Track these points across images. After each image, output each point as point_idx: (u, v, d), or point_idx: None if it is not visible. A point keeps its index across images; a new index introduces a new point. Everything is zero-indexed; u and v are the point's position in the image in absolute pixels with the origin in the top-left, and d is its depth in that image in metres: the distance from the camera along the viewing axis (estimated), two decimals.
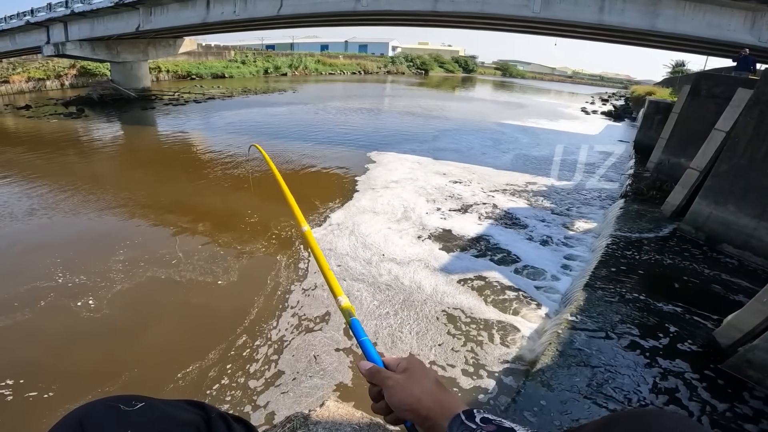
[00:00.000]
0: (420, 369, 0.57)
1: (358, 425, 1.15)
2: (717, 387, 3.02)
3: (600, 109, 27.16)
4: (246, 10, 14.40)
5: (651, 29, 10.22)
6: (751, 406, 2.86)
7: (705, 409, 2.81)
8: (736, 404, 2.86)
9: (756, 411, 2.81)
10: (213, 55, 31.65)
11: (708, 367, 3.22)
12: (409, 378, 0.55)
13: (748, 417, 2.75)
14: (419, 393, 0.53)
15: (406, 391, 0.53)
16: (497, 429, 0.45)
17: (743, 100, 5.43)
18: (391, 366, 0.59)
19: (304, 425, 1.14)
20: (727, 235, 5.33)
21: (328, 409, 1.22)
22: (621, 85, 70.67)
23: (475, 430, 0.45)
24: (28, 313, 3.88)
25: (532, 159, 11.61)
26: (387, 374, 0.56)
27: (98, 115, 14.92)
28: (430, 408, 0.51)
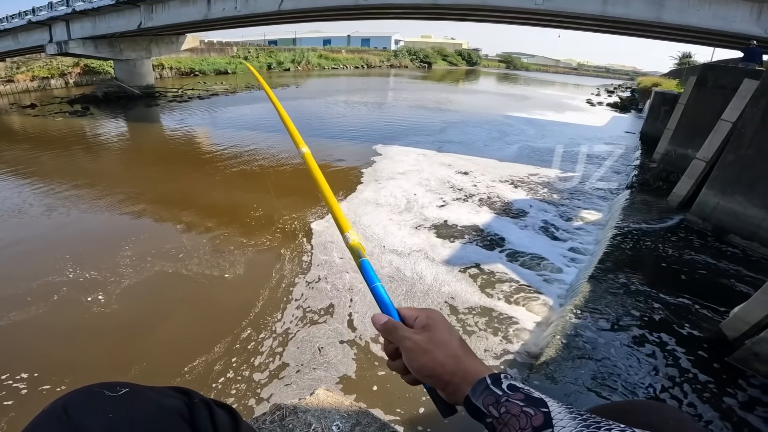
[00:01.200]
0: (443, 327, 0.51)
1: (347, 413, 1.18)
2: (724, 380, 3.00)
3: (606, 101, 26.88)
4: (247, 6, 14.35)
5: (656, 20, 10.05)
6: (758, 399, 2.83)
7: (711, 402, 2.79)
8: (743, 398, 2.84)
9: (764, 405, 2.78)
10: (215, 51, 31.62)
11: (715, 360, 3.19)
12: (431, 339, 0.49)
13: (756, 411, 2.73)
14: (442, 357, 0.48)
15: (428, 355, 0.48)
16: (525, 398, 0.40)
17: (750, 91, 5.39)
18: (408, 320, 0.53)
19: (293, 413, 1.16)
20: (735, 225, 5.28)
21: (318, 397, 1.24)
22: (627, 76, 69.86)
23: (501, 397, 0.41)
24: (42, 307, 3.96)
25: (538, 151, 11.52)
26: (406, 333, 0.50)
27: (103, 112, 14.99)
28: (455, 373, 0.47)
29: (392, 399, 3.01)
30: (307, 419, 1.14)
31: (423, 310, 0.54)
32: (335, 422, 1.14)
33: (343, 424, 1.14)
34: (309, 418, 1.14)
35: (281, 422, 1.14)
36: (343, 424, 1.14)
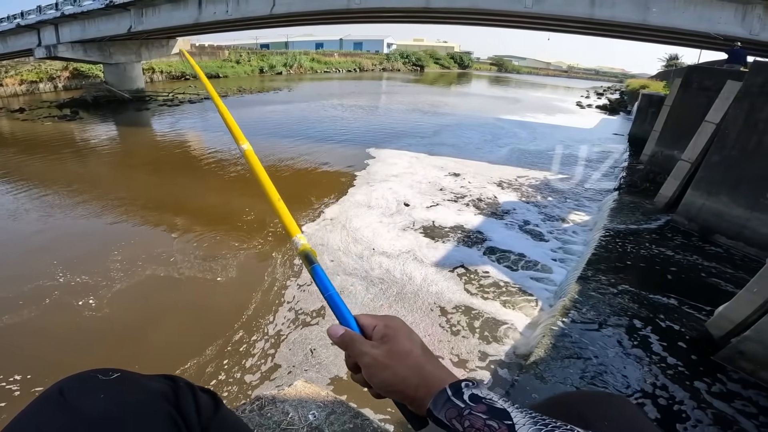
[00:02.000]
0: (402, 336, 0.48)
1: (323, 402, 1.26)
2: (710, 379, 3.04)
3: (595, 103, 27.18)
4: (239, 10, 14.34)
5: (642, 23, 10.22)
6: (744, 398, 2.88)
7: (698, 401, 2.84)
8: (729, 396, 2.89)
9: (749, 403, 2.83)
10: (207, 55, 31.51)
11: (701, 359, 3.23)
12: (391, 352, 0.47)
13: (742, 409, 2.78)
14: (404, 371, 0.45)
15: (389, 370, 0.46)
16: (488, 410, 0.39)
17: (733, 92, 5.46)
18: (367, 329, 0.51)
19: (272, 403, 1.23)
20: (720, 225, 5.38)
21: (296, 388, 1.31)
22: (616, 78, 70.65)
23: (463, 410, 0.40)
24: (35, 311, 3.96)
25: (529, 153, 11.63)
26: (363, 347, 0.48)
27: (93, 116, 14.87)
28: (418, 387, 0.45)
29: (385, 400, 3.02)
30: (285, 408, 1.21)
31: (382, 318, 0.51)
32: (311, 411, 1.21)
33: (319, 412, 1.21)
34: (287, 408, 1.21)
35: (260, 411, 1.20)
36: (318, 413, 1.21)
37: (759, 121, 4.99)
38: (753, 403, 2.83)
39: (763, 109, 4.96)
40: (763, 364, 2.98)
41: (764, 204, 4.92)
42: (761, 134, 4.97)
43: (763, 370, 2.99)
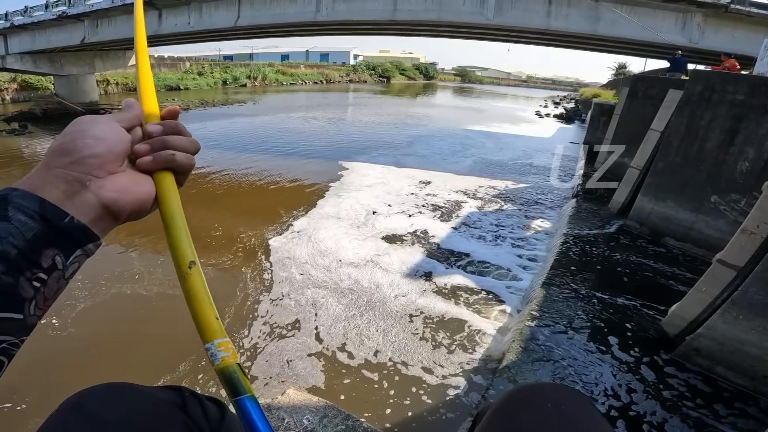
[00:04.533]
0: None
1: (315, 408, 1.34)
2: (667, 376, 3.21)
3: (552, 112, 28.41)
4: (201, 22, 14.07)
5: (593, 33, 10.89)
6: (701, 393, 3.04)
7: (657, 397, 2.99)
8: (687, 392, 3.05)
9: (705, 398, 3.00)
10: (167, 66, 30.58)
11: (659, 357, 3.40)
12: None
13: (699, 404, 2.94)
14: None
15: None
16: None
17: (674, 101, 5.74)
18: None
19: (267, 410, 1.29)
20: (669, 228, 5.73)
21: (289, 396, 1.39)
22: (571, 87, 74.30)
23: None
24: None
25: (494, 163, 12.01)
26: None
27: (44, 131, 14.05)
28: None
29: (360, 404, 3.13)
30: (280, 415, 1.28)
31: None
32: (305, 416, 1.30)
33: (312, 417, 1.30)
34: (282, 414, 1.29)
35: None
36: (312, 417, 1.29)
37: (699, 128, 5.32)
38: (710, 398, 3.01)
39: (703, 117, 5.29)
40: (718, 359, 3.15)
41: (708, 207, 5.27)
42: (702, 141, 5.31)
43: (718, 366, 3.16)
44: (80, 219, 0.36)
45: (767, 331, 2.90)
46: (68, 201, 0.36)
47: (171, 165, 0.45)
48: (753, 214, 3.06)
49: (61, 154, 0.38)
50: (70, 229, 0.35)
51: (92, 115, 0.44)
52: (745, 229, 3.06)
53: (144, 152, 0.45)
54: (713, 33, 10.19)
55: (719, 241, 4.66)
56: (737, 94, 4.98)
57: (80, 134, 0.40)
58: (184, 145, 0.47)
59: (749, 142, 4.88)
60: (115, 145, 0.41)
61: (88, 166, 0.38)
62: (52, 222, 0.34)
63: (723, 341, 3.10)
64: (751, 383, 3.03)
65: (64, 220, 0.35)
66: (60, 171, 0.37)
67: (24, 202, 0.33)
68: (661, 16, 10.21)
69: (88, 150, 0.38)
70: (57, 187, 0.36)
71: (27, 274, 0.32)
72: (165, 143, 0.46)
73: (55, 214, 0.34)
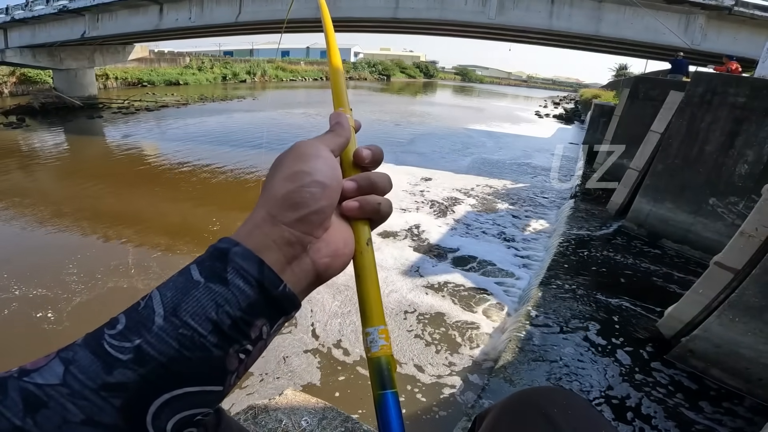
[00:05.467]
0: None
1: (313, 409, 1.32)
2: (663, 377, 3.21)
3: (552, 113, 28.37)
4: (202, 17, 13.97)
5: (595, 34, 10.85)
6: (696, 395, 3.05)
7: (651, 398, 2.99)
8: (681, 393, 3.05)
9: (699, 400, 3.00)
10: (166, 61, 30.44)
11: (654, 358, 3.41)
12: None
13: (693, 405, 2.95)
14: None
15: None
16: None
17: (675, 103, 5.75)
18: None
19: (265, 411, 1.28)
20: (666, 230, 5.73)
21: (287, 397, 1.36)
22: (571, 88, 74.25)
23: None
24: None
25: (494, 162, 12.02)
26: None
27: (41, 124, 14.00)
28: None
29: (355, 401, 3.15)
30: (278, 416, 1.26)
31: None
32: (304, 418, 1.27)
33: (311, 418, 1.27)
34: (280, 416, 1.27)
35: (254, 420, 1.24)
36: (311, 419, 1.27)
37: (700, 130, 5.33)
38: (704, 399, 3.01)
39: (703, 119, 5.29)
40: (713, 361, 3.16)
41: (706, 209, 5.27)
42: (702, 143, 5.31)
43: (713, 368, 3.16)
44: (293, 287, 0.31)
45: (763, 333, 2.90)
46: (288, 267, 0.31)
47: (375, 216, 0.38)
48: (752, 217, 3.05)
49: (290, 208, 0.31)
50: (281, 299, 0.30)
51: (310, 143, 0.36)
52: (743, 232, 3.06)
53: (350, 193, 0.37)
54: (715, 35, 10.16)
55: (716, 243, 4.67)
56: (738, 96, 4.97)
57: (306, 178, 0.32)
58: (386, 187, 0.39)
59: (749, 144, 4.88)
60: (336, 192, 0.34)
61: (311, 225, 0.32)
62: (268, 291, 0.29)
63: (718, 343, 3.10)
64: (745, 385, 3.04)
65: (278, 289, 0.30)
66: (286, 230, 0.31)
67: (245, 264, 0.29)
68: (664, 18, 10.16)
69: (315, 204, 0.32)
70: (281, 250, 0.31)
71: (236, 347, 0.28)
72: (373, 184, 0.37)
73: (272, 282, 0.29)
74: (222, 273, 0.28)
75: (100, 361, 0.25)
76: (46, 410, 0.23)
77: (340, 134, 0.39)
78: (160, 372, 0.25)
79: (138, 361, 0.25)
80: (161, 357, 0.25)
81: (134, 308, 0.28)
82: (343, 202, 0.36)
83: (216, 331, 0.27)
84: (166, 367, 0.25)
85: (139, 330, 0.26)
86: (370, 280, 0.37)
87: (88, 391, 0.24)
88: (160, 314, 0.27)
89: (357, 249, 0.37)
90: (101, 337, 0.26)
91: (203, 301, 0.27)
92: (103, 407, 0.24)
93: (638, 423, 2.77)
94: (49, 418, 0.23)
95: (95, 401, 0.24)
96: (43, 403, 0.23)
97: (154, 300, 0.28)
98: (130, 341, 0.26)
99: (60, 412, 0.23)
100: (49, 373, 0.24)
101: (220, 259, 0.29)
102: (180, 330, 0.26)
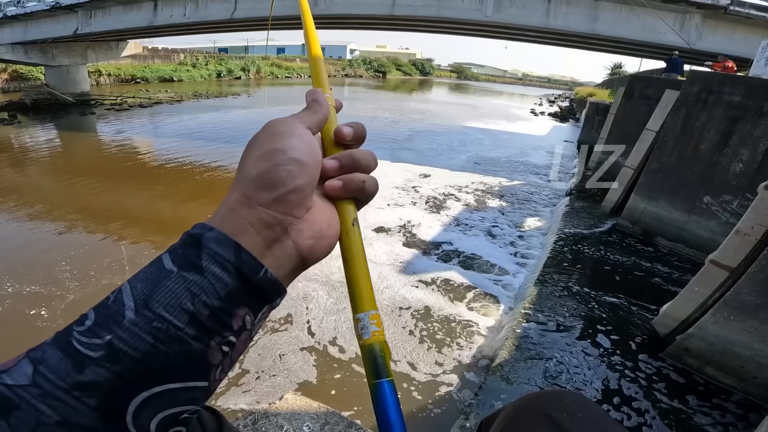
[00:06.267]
0: None
1: (315, 414, 1.27)
2: (658, 375, 3.22)
3: (547, 111, 28.48)
4: (197, 13, 13.84)
5: (592, 32, 10.88)
6: (691, 393, 3.06)
7: (647, 396, 3.00)
8: (676, 391, 3.06)
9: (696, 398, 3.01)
10: (160, 58, 30.16)
11: (650, 356, 3.42)
12: None
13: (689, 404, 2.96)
14: None
15: None
16: None
17: (671, 101, 5.76)
18: None
19: (265, 417, 1.24)
20: (661, 228, 5.75)
21: (287, 401, 1.32)
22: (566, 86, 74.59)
23: None
24: None
25: (490, 160, 12.05)
26: None
27: (33, 121, 13.86)
28: None
29: (351, 399, 3.14)
30: (279, 422, 1.22)
31: None
32: (306, 423, 1.23)
33: (313, 424, 1.23)
34: (280, 421, 1.22)
35: (254, 426, 1.20)
36: (313, 425, 1.23)
37: (695, 129, 5.34)
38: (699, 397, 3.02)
39: (698, 118, 5.30)
40: (708, 360, 3.17)
41: (701, 208, 5.29)
42: (697, 141, 5.33)
43: (708, 366, 3.18)
44: (276, 273, 0.29)
45: (758, 332, 2.92)
46: (268, 251, 0.29)
47: (360, 195, 0.36)
48: (748, 215, 3.06)
49: (266, 187, 0.29)
50: (262, 285, 0.28)
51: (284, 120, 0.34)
52: (739, 231, 3.07)
53: (332, 172, 0.35)
54: (711, 34, 10.21)
55: (711, 242, 4.70)
56: (734, 95, 4.99)
57: (281, 156, 0.31)
58: (370, 164, 0.37)
59: (744, 143, 4.90)
60: (315, 170, 0.33)
61: (290, 205, 0.30)
62: (247, 277, 0.27)
63: (713, 341, 3.12)
64: (740, 384, 3.05)
65: (259, 274, 0.28)
66: (263, 211, 0.29)
67: (220, 249, 0.27)
68: (660, 17, 10.19)
69: (292, 182, 0.30)
70: (259, 233, 0.29)
71: (217, 339, 0.26)
72: (355, 162, 0.36)
73: (252, 267, 0.27)
74: (196, 260, 0.26)
75: (70, 360, 0.23)
76: (19, 412, 0.22)
77: (317, 111, 0.37)
78: (136, 368, 0.24)
79: (110, 358, 0.23)
80: (135, 353, 0.24)
81: (104, 303, 0.26)
82: (325, 182, 0.35)
83: (194, 322, 0.25)
84: (142, 363, 0.24)
85: (109, 325, 0.24)
86: (358, 263, 0.35)
87: (60, 392, 0.22)
88: (131, 307, 0.25)
89: (342, 230, 0.35)
90: (70, 334, 0.25)
91: (177, 291, 0.25)
92: (78, 408, 0.22)
93: (634, 421, 2.78)
94: (22, 420, 0.21)
95: (68, 402, 0.22)
96: (15, 404, 0.22)
97: (123, 293, 0.26)
98: (100, 337, 0.24)
99: (33, 413, 0.22)
100: (18, 374, 0.23)
101: (193, 245, 0.27)
102: (153, 323, 0.24)
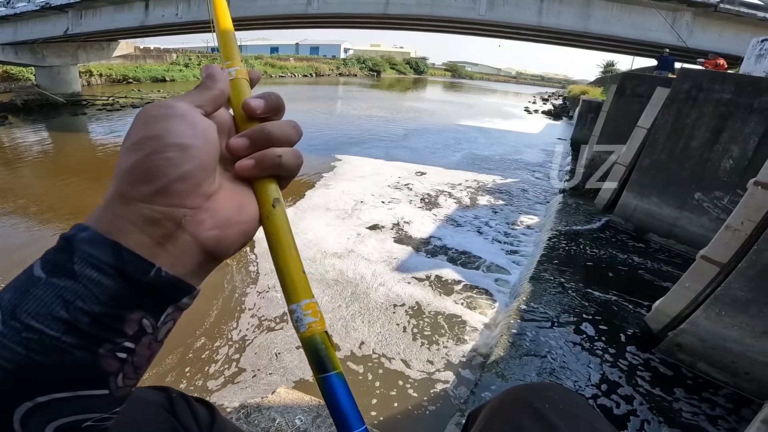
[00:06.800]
0: None
1: (308, 407, 1.29)
2: (651, 371, 3.25)
3: (541, 109, 28.64)
4: (189, 13, 13.74)
5: (584, 31, 10.95)
6: (683, 388, 3.09)
7: (639, 392, 3.03)
8: (670, 387, 3.09)
9: (687, 393, 3.05)
10: (152, 58, 29.93)
11: (643, 352, 3.45)
12: None
13: (682, 400, 2.99)
14: None
15: None
16: None
17: (661, 99, 5.79)
18: None
19: (258, 410, 1.25)
20: (653, 225, 5.80)
21: (280, 395, 1.34)
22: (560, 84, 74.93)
23: None
24: None
25: (485, 158, 12.10)
26: None
27: (23, 121, 13.72)
28: None
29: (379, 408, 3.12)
30: (271, 415, 1.24)
31: None
32: (298, 416, 1.25)
33: (305, 417, 1.25)
34: (273, 414, 1.24)
35: (246, 419, 1.22)
36: (305, 417, 1.25)
37: (686, 126, 5.39)
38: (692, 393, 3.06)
39: (689, 115, 5.35)
40: (700, 355, 3.19)
41: (692, 204, 5.34)
42: (688, 138, 5.37)
43: (700, 362, 3.20)
44: (174, 271, 0.27)
45: (749, 327, 2.94)
46: (160, 248, 0.26)
47: (278, 171, 0.33)
48: (738, 211, 3.09)
49: (142, 180, 0.26)
50: (156, 285, 0.26)
51: (161, 103, 0.29)
52: (729, 226, 3.10)
53: (242, 150, 0.32)
54: (701, 32, 10.30)
55: (702, 237, 4.74)
56: (724, 92, 5.04)
57: (157, 143, 0.27)
58: (289, 136, 0.34)
59: (734, 140, 4.95)
60: (206, 152, 0.29)
61: (178, 195, 0.27)
62: (134, 278, 0.25)
63: (705, 337, 3.14)
64: (732, 379, 3.08)
65: (150, 274, 0.25)
66: (144, 207, 0.26)
67: (94, 251, 0.24)
68: (651, 14, 10.27)
69: (174, 171, 0.27)
70: (143, 231, 0.26)
71: (107, 346, 0.24)
72: (268, 135, 0.32)
73: (138, 268, 0.25)
74: (67, 264, 0.24)
75: None
76: None
77: (210, 86, 0.33)
78: (10, 380, 0.22)
79: None
80: (7, 364, 0.22)
81: None
82: (236, 163, 0.32)
83: (72, 331, 0.23)
84: (15, 374, 0.22)
85: None
86: (285, 248, 0.31)
87: None
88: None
89: (262, 213, 0.32)
90: None
91: (46, 300, 0.23)
92: None
93: (627, 416, 2.81)
94: None
95: None
96: None
97: None
98: None
99: None
100: None
101: (64, 249, 0.25)
102: (23, 334, 0.23)
